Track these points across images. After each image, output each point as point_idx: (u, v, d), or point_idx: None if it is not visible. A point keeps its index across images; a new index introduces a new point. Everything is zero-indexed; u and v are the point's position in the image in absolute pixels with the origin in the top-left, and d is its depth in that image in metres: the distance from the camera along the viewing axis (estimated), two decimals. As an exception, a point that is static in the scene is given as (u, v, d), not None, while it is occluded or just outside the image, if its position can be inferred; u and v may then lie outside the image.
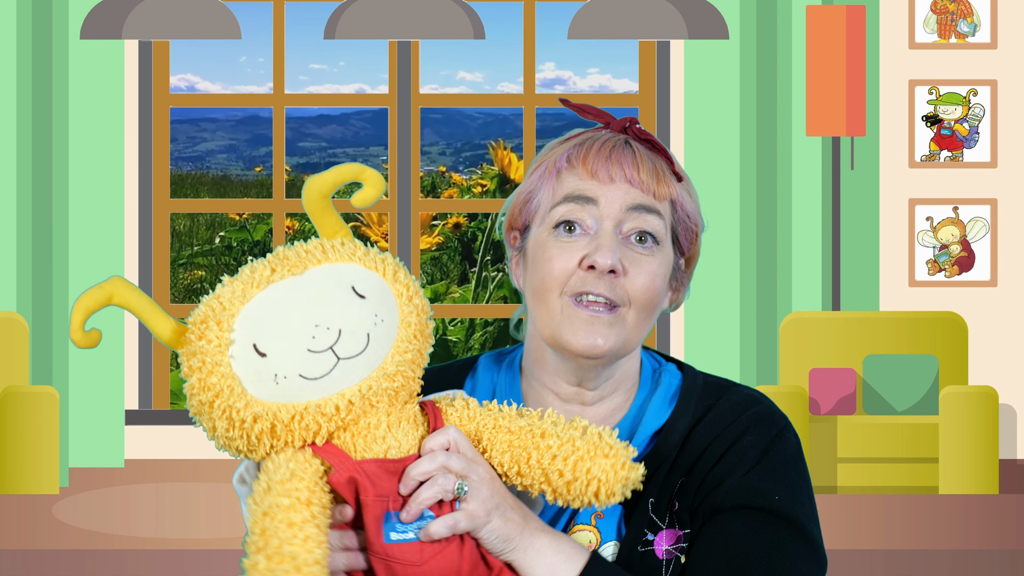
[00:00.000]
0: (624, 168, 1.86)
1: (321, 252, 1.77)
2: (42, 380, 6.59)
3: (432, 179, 11.47)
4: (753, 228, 6.69)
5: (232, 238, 11.12)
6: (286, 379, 1.72)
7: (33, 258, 6.62)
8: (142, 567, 5.31)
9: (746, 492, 1.82)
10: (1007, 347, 6.84)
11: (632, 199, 1.85)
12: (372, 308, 1.75)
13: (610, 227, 1.84)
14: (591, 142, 1.88)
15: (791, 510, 1.83)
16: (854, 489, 6.30)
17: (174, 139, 11.48)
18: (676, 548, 1.84)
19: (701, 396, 1.90)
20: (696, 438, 1.86)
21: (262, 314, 1.74)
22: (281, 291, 1.75)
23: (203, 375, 1.72)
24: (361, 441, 1.75)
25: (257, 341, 1.73)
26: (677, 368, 1.95)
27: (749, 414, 1.87)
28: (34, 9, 6.62)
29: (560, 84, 11.11)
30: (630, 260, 1.84)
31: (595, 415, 1.91)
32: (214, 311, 1.74)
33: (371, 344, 1.74)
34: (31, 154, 6.61)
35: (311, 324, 1.73)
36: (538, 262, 1.86)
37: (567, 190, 1.86)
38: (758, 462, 1.85)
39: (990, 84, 6.83)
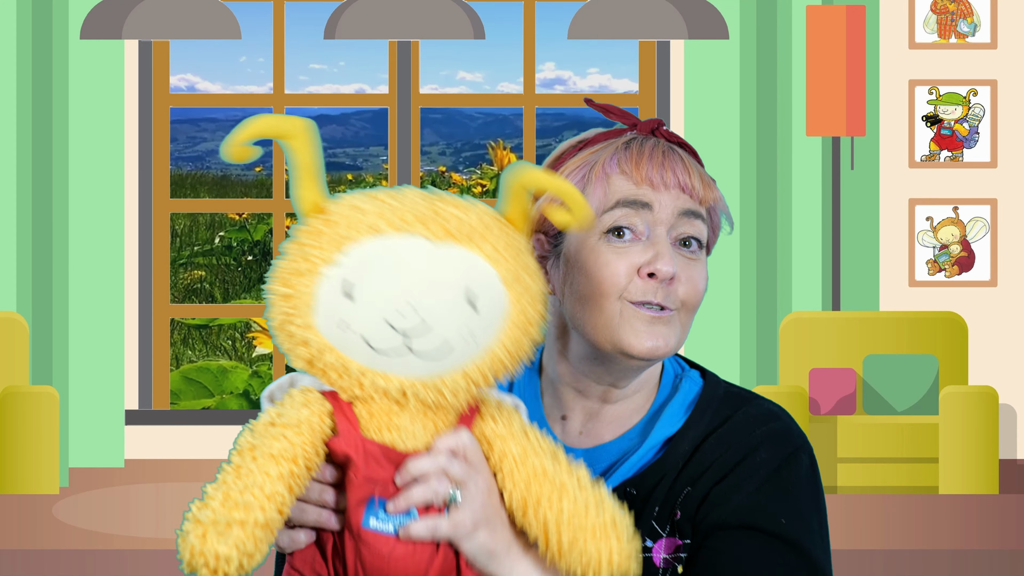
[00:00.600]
0: (677, 174, 1.86)
1: (479, 234, 1.65)
2: (42, 380, 6.59)
3: (432, 179, 11.47)
4: (753, 228, 6.69)
5: (232, 238, 11.13)
6: (350, 330, 1.64)
7: (33, 258, 6.62)
8: (142, 567, 5.32)
9: (751, 512, 1.80)
10: (1007, 347, 6.84)
11: (683, 204, 1.86)
12: (474, 324, 1.65)
13: (663, 232, 1.84)
14: (633, 145, 1.87)
15: (796, 534, 1.80)
16: (854, 489, 6.30)
17: (174, 139, 11.47)
18: (674, 557, 1.83)
19: (719, 407, 1.88)
20: (707, 448, 1.84)
21: (376, 260, 1.64)
22: (409, 250, 1.64)
23: (292, 271, 1.65)
24: (376, 422, 1.68)
25: (354, 282, 1.64)
26: (700, 375, 1.94)
27: (765, 430, 1.85)
28: (34, 9, 6.62)
29: (560, 84, 11.11)
30: (681, 264, 1.85)
31: (615, 414, 1.90)
32: (344, 222, 1.65)
33: (445, 356, 1.65)
34: (31, 154, 6.61)
35: (405, 301, 1.63)
36: (589, 267, 1.84)
37: (620, 195, 1.85)
38: (767, 481, 1.81)
39: (990, 84, 6.83)
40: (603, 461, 1.89)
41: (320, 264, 1.64)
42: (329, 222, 1.66)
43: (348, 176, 11.91)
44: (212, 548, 1.61)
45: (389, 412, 1.68)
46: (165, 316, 7.01)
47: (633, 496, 1.85)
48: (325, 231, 1.66)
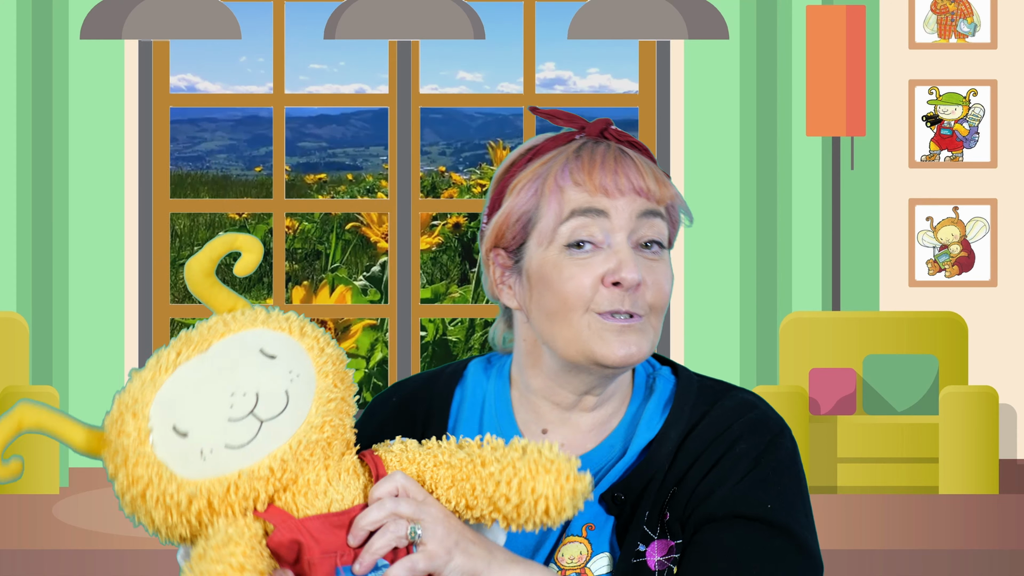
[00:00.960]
0: (630, 178, 1.83)
1: (223, 324, 1.75)
2: (42, 380, 6.59)
3: (432, 179, 11.47)
4: (753, 228, 6.69)
5: (232, 238, 11.11)
6: (212, 453, 1.68)
7: (33, 258, 6.62)
8: (142, 567, 5.32)
9: (737, 501, 1.80)
10: (1007, 347, 6.84)
11: (640, 207, 1.83)
12: (285, 366, 1.72)
13: (623, 238, 1.82)
14: (583, 152, 1.85)
15: (783, 518, 1.81)
16: (854, 489, 6.30)
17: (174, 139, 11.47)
18: (668, 559, 1.82)
19: (696, 402, 1.87)
20: (689, 446, 1.84)
21: (175, 395, 1.71)
22: (190, 370, 1.72)
23: (128, 469, 1.69)
24: (302, 499, 1.71)
25: (176, 422, 1.69)
26: (672, 372, 1.93)
27: (743, 421, 1.85)
28: (34, 9, 6.62)
29: (560, 84, 11.11)
30: (645, 268, 1.83)
31: (593, 421, 1.89)
32: (127, 405, 1.71)
33: (291, 401, 1.71)
34: (31, 154, 6.61)
35: (226, 394, 1.69)
36: (554, 283, 1.83)
37: (575, 205, 1.83)
38: (750, 470, 1.82)
39: (990, 84, 6.83)
40: (589, 470, 1.85)
41: (139, 443, 1.69)
42: (115, 420, 1.72)
43: (348, 176, 11.92)
44: None
45: (307, 483, 1.72)
46: (165, 316, 7.01)
47: (622, 501, 1.84)
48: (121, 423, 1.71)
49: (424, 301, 9.97)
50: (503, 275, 1.88)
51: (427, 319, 9.65)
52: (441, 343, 9.73)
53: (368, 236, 10.80)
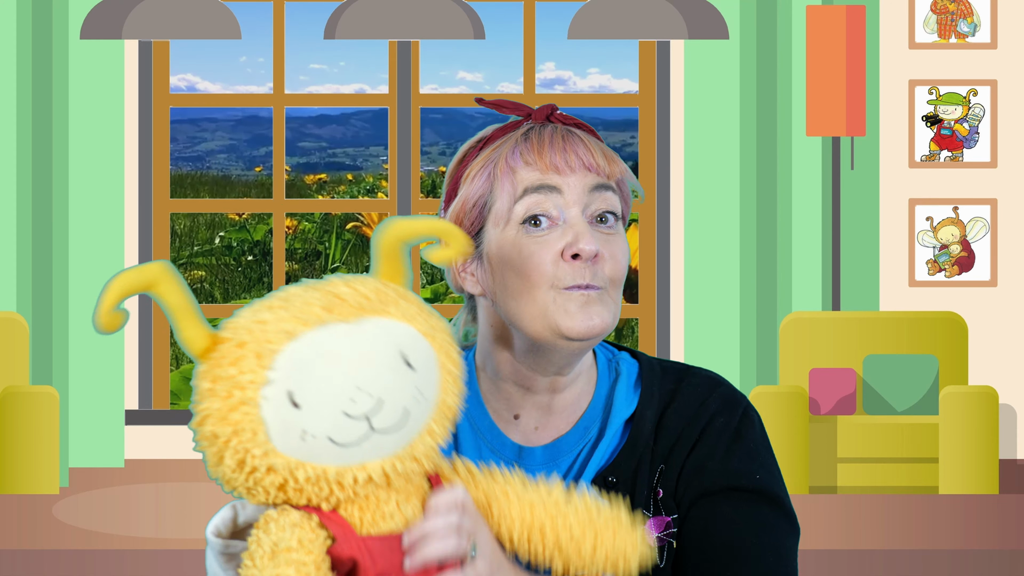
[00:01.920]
0: (579, 155, 1.87)
1: (380, 303, 1.63)
2: (42, 380, 6.59)
3: (432, 179, 11.47)
4: (753, 228, 6.69)
5: (232, 238, 11.13)
6: (314, 439, 1.59)
7: (33, 258, 6.62)
8: (142, 567, 5.32)
9: (730, 475, 1.88)
10: (1007, 347, 6.84)
11: (591, 181, 1.87)
12: (417, 382, 1.62)
13: (578, 213, 1.86)
14: (532, 135, 1.89)
15: (771, 487, 1.90)
16: (854, 489, 6.30)
17: (174, 139, 11.48)
18: (666, 535, 1.88)
19: (662, 381, 1.94)
20: (668, 424, 1.90)
21: (305, 360, 1.59)
22: (332, 339, 1.60)
23: (226, 407, 1.59)
24: (368, 516, 1.64)
25: (294, 390, 1.58)
26: (631, 356, 1.98)
27: (714, 396, 1.92)
28: (34, 9, 6.62)
29: (560, 84, 11.11)
30: (601, 240, 1.87)
31: (563, 403, 1.92)
32: (255, 338, 1.59)
33: (408, 422, 1.62)
34: (31, 154, 6.61)
35: (353, 385, 1.59)
36: (514, 261, 1.86)
37: (527, 183, 1.87)
38: (733, 442, 1.90)
39: (990, 84, 6.83)
40: (567, 452, 1.92)
41: (251, 387, 1.58)
42: (241, 345, 1.60)
43: (348, 176, 11.92)
44: None
45: (376, 502, 1.65)
46: (165, 316, 7.01)
47: (614, 484, 1.88)
48: (242, 355, 1.60)
49: (424, 301, 9.96)
50: (464, 263, 1.92)
51: (427, 319, 9.64)
52: (441, 343, 9.72)
53: (368, 236, 10.80)
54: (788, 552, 1.89)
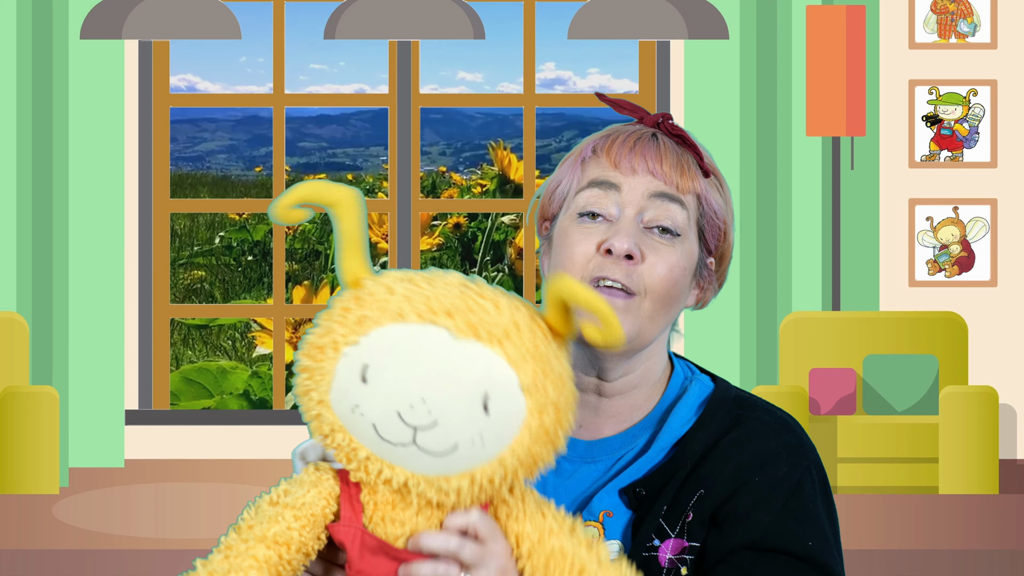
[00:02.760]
0: (647, 159, 1.87)
1: (502, 335, 1.58)
2: (42, 380, 6.59)
3: (432, 179, 11.48)
4: (753, 228, 6.69)
5: (232, 238, 11.13)
6: (362, 416, 1.59)
7: (33, 258, 6.62)
8: (142, 567, 5.32)
9: (780, 535, 1.81)
10: (1007, 347, 6.84)
11: (655, 187, 1.86)
12: (484, 428, 1.57)
13: (631, 214, 1.85)
14: (617, 134, 1.90)
15: (822, 555, 1.83)
16: (854, 489, 6.30)
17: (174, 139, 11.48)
18: (679, 559, 1.83)
19: (730, 409, 1.88)
20: (721, 453, 1.84)
21: (396, 349, 1.59)
22: (432, 343, 1.58)
23: (316, 344, 1.62)
24: (380, 514, 1.64)
25: (370, 365, 1.59)
26: (711, 380, 1.94)
27: (782, 443, 1.85)
28: (34, 9, 6.62)
29: (560, 84, 11.11)
30: (649, 247, 1.84)
31: (613, 409, 1.90)
32: (376, 301, 1.60)
33: (451, 455, 1.59)
34: (31, 154, 6.61)
35: (419, 396, 1.57)
36: (560, 248, 1.87)
37: (592, 176, 1.88)
38: (790, 498, 1.83)
39: (990, 84, 6.83)
40: (604, 454, 1.89)
41: (342, 343, 1.60)
42: (360, 301, 1.62)
43: (348, 176, 11.92)
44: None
45: (393, 504, 1.64)
46: (165, 316, 7.01)
47: (642, 496, 1.85)
48: (353, 309, 1.61)
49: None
50: (544, 246, 1.93)
51: (427, 319, 9.64)
52: (441, 343, 9.72)
53: (368, 236, 10.80)
54: None
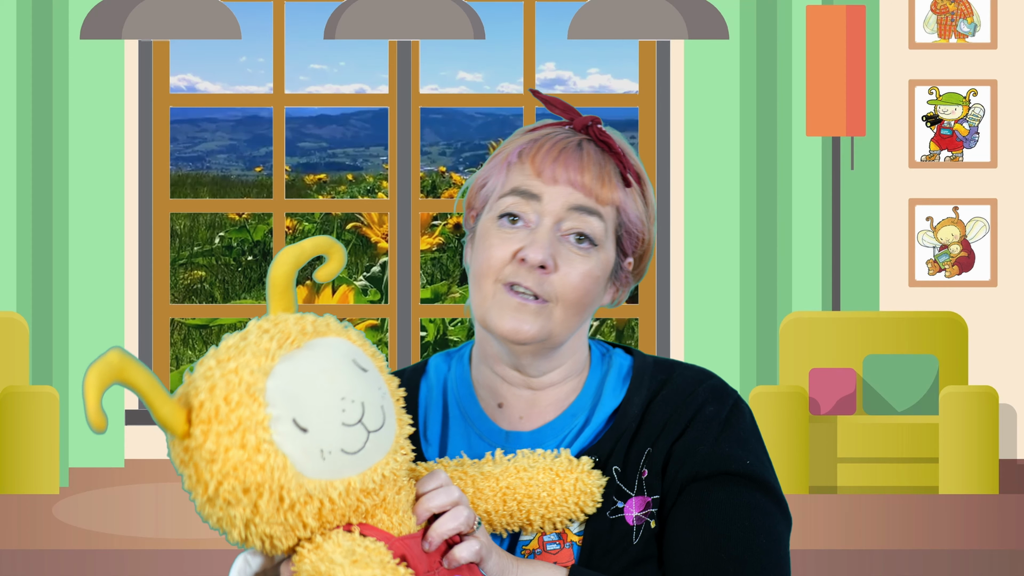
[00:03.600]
0: (569, 171, 1.90)
1: (311, 325, 1.72)
2: (42, 380, 6.59)
3: (432, 179, 11.48)
4: (753, 228, 6.69)
5: (232, 238, 11.13)
6: (331, 455, 1.64)
7: (33, 258, 6.62)
8: (142, 567, 5.32)
9: (721, 459, 1.90)
10: (1007, 347, 6.84)
11: (574, 200, 1.90)
12: (375, 382, 1.71)
13: (549, 224, 1.89)
14: (544, 139, 1.93)
15: (761, 474, 1.92)
16: (854, 489, 6.30)
17: (174, 139, 11.48)
18: (646, 514, 1.90)
19: (653, 373, 1.97)
20: (656, 410, 1.93)
21: (291, 388, 1.65)
22: (295, 364, 1.66)
23: (247, 454, 1.61)
24: (396, 518, 1.72)
25: (296, 416, 1.63)
26: (625, 352, 2.02)
27: (704, 386, 1.95)
28: (34, 9, 6.62)
29: (560, 84, 11.11)
30: (564, 258, 1.89)
31: (548, 398, 1.97)
32: (238, 385, 1.62)
33: (387, 417, 1.70)
34: (31, 154, 6.61)
35: (338, 397, 1.66)
36: (480, 248, 1.93)
37: (514, 184, 1.92)
38: (723, 431, 1.92)
39: (990, 84, 6.83)
40: (552, 437, 1.96)
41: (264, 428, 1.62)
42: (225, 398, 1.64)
43: (348, 176, 11.92)
44: None
45: (396, 503, 1.73)
46: (165, 316, 7.01)
47: (595, 464, 1.92)
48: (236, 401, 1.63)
49: (424, 301, 9.97)
50: (468, 237, 2.00)
51: (427, 319, 9.64)
52: (441, 343, 9.73)
53: (368, 236, 10.81)
54: (780, 537, 1.91)
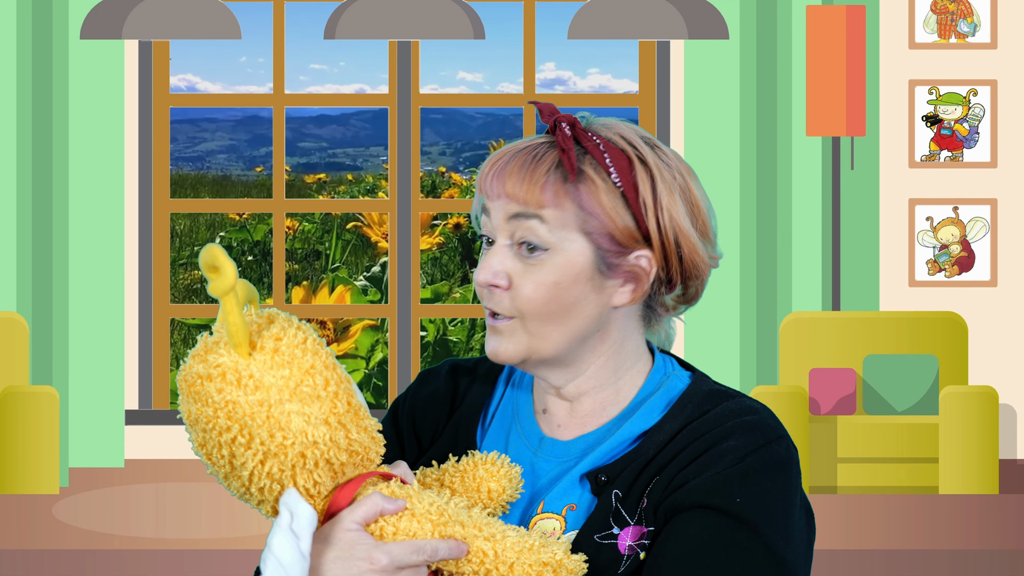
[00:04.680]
0: (504, 182, 1.88)
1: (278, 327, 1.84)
2: (42, 380, 6.59)
3: (432, 179, 11.48)
4: (753, 228, 6.69)
5: (232, 238, 11.12)
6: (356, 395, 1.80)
7: (33, 258, 6.62)
8: (142, 567, 5.32)
9: (707, 492, 1.80)
10: (1007, 347, 6.84)
11: (510, 209, 1.89)
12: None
13: (502, 240, 1.89)
14: (503, 154, 1.92)
15: (752, 515, 1.79)
16: (854, 489, 6.30)
17: (174, 139, 11.48)
18: (638, 544, 1.83)
19: (701, 402, 1.89)
20: (680, 439, 1.86)
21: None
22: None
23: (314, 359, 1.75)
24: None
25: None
26: (689, 376, 1.96)
27: (738, 421, 1.85)
28: (34, 9, 6.62)
29: (560, 84, 11.11)
30: (518, 271, 1.88)
31: (584, 409, 1.94)
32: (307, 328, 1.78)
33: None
34: (31, 154, 6.61)
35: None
36: None
37: (479, 205, 1.94)
38: (731, 466, 1.81)
39: (990, 84, 6.83)
40: (575, 451, 1.93)
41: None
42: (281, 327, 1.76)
43: (348, 176, 11.92)
44: None
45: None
46: (165, 316, 7.01)
47: (603, 482, 1.87)
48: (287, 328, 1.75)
49: (424, 301, 9.97)
50: None
51: (427, 319, 9.64)
52: (442, 343, 9.73)
53: (368, 236, 10.80)
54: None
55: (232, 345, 1.70)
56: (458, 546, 1.76)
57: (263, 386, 1.69)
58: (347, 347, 9.38)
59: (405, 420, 2.03)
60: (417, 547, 1.75)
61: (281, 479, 1.72)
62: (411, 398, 2.03)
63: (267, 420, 1.69)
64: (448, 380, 2.03)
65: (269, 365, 1.70)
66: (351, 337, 9.45)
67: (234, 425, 1.70)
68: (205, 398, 1.70)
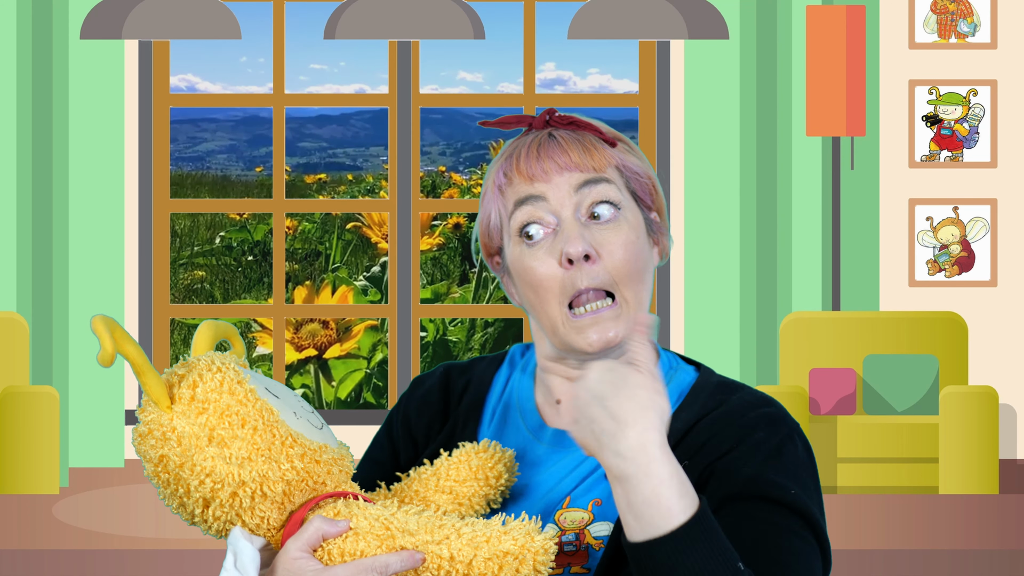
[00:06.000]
0: (555, 159, 1.88)
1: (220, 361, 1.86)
2: (42, 380, 6.59)
3: (432, 179, 11.48)
4: (753, 228, 6.69)
5: (232, 238, 11.12)
6: (300, 418, 1.79)
7: (33, 258, 6.62)
8: (142, 567, 5.32)
9: (764, 484, 1.83)
10: (1007, 347, 6.84)
11: (576, 180, 1.88)
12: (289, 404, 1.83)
13: (569, 215, 1.87)
14: (518, 150, 1.91)
15: (806, 506, 1.84)
16: (854, 489, 6.30)
17: (174, 139, 11.48)
18: None
19: (713, 392, 1.92)
20: (702, 428, 1.87)
21: (258, 377, 1.82)
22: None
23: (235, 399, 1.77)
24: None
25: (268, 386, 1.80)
26: (695, 369, 1.98)
27: (760, 413, 1.89)
28: (34, 9, 6.62)
29: (560, 84, 11.11)
30: (599, 242, 1.87)
31: None
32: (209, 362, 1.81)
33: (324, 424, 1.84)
34: (31, 154, 6.61)
35: (295, 395, 1.84)
36: (523, 276, 1.90)
37: (515, 197, 1.90)
38: (770, 457, 1.85)
39: (990, 84, 6.83)
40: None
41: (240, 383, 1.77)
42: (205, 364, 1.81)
43: (348, 176, 11.92)
44: None
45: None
46: (165, 316, 7.01)
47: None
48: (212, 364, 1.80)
49: (424, 301, 9.97)
50: (503, 279, 1.96)
51: (427, 319, 9.64)
52: (441, 343, 9.73)
53: (368, 236, 10.80)
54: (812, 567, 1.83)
55: (153, 402, 1.78)
56: (411, 556, 1.74)
57: (185, 436, 1.73)
58: (350, 347, 9.39)
59: (399, 427, 2.03)
60: (365, 566, 1.73)
61: (231, 518, 1.74)
62: (403, 404, 2.02)
63: (193, 469, 1.73)
64: (442, 380, 2.03)
65: (187, 414, 1.75)
66: (354, 337, 9.45)
67: (171, 478, 1.74)
68: (144, 455, 1.77)
